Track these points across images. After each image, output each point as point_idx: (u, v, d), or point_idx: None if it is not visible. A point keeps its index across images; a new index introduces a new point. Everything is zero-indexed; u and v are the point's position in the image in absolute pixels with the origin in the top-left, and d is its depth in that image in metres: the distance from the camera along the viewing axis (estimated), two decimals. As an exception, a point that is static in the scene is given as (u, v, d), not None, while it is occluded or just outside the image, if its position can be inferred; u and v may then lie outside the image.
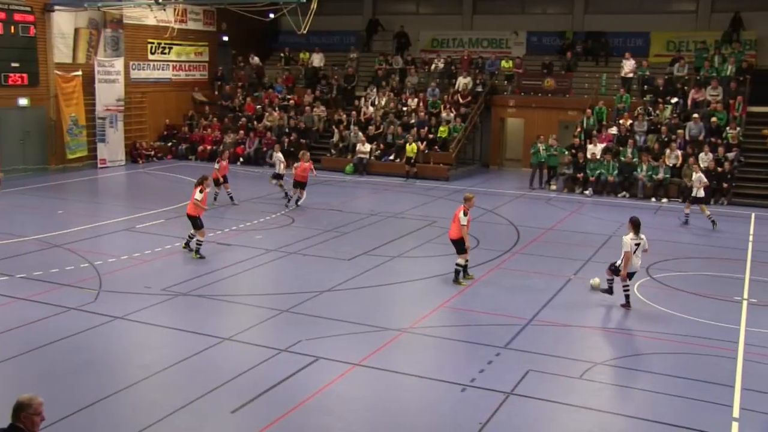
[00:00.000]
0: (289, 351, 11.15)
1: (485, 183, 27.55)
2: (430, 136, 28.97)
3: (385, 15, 37.26)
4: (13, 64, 26.43)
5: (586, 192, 25.33)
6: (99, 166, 29.07)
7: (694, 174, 21.08)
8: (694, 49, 30.61)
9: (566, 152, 26.81)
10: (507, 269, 16.07)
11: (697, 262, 17.09)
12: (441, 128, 29.07)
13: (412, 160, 28.01)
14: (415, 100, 30.96)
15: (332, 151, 30.05)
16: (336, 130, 30.35)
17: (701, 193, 20.63)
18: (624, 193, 25.12)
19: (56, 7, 27.49)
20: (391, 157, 28.78)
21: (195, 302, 13.51)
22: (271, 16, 27.43)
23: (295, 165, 22.07)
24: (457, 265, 14.84)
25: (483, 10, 35.93)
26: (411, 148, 28.01)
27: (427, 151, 28.42)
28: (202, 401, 9.49)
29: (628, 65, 29.24)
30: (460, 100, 30.49)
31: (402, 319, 12.63)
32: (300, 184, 21.75)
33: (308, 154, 22.58)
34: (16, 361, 10.67)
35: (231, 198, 22.19)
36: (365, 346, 11.42)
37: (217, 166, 22.29)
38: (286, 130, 31.00)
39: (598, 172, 25.39)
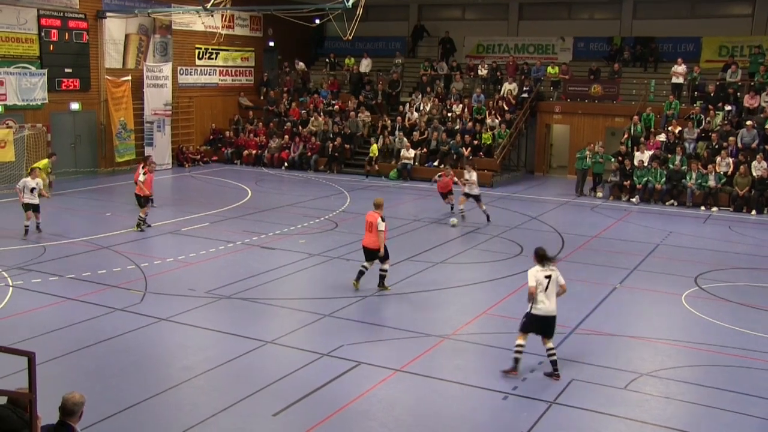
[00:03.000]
0: (331, 355, 11.16)
1: (530, 189, 27.32)
2: (475, 142, 28.83)
3: (431, 21, 37.22)
4: (67, 70, 27.06)
5: (633, 200, 24.94)
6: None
7: None
8: (748, 54, 29.92)
9: (612, 159, 26.44)
10: (551, 277, 15.85)
11: (748, 273, 16.69)
12: (485, 135, 28.91)
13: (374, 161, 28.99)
14: (460, 106, 30.85)
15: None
16: (380, 136, 30.38)
17: None
18: (672, 201, 24.68)
19: (108, 14, 28.06)
20: (435, 163, 28.71)
21: (238, 305, 13.62)
22: (317, 21, 27.58)
23: (436, 179, 22.72)
24: (384, 270, 14.46)
25: (529, 15, 35.69)
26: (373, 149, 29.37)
27: (471, 157, 28.28)
28: (244, 404, 9.54)
29: (679, 71, 28.70)
30: (505, 107, 30.30)
31: (444, 326, 12.55)
32: (444, 195, 22.23)
33: (450, 168, 23.35)
34: (65, 359, 10.86)
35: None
36: (407, 351, 11.38)
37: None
38: (331, 135, 31.13)
39: (645, 179, 24.99)
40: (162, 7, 29.34)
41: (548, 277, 10.52)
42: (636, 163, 25.55)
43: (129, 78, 28.84)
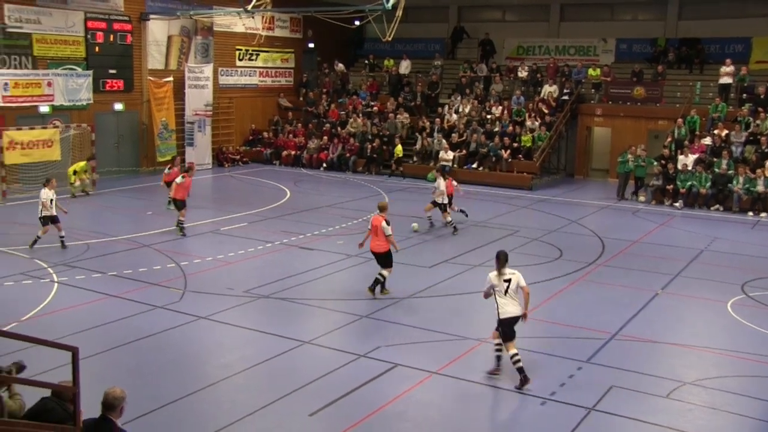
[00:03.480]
0: (367, 356, 11.15)
1: (570, 193, 27.03)
2: (514, 144, 28.62)
3: (471, 22, 37.05)
4: (111, 71, 27.49)
5: (676, 204, 24.50)
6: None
7: None
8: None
9: (655, 163, 26.03)
10: (591, 281, 15.68)
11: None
12: (524, 137, 28.69)
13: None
14: (500, 108, 30.66)
15: (415, 158, 30.03)
16: (419, 137, 30.33)
17: None
18: (717, 206, 24.18)
19: (151, 16, 28.44)
20: (474, 165, 28.56)
21: (276, 305, 13.67)
22: (357, 23, 27.67)
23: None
24: (381, 275, 14.16)
25: (570, 16, 35.34)
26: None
27: (510, 160, 28.09)
28: (280, 403, 9.57)
29: (727, 72, 28.09)
30: (545, 109, 30.04)
31: (481, 329, 12.44)
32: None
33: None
34: (106, 355, 11.00)
35: (168, 202, 21.29)
36: (444, 354, 11.31)
37: (167, 171, 22.22)
38: (369, 136, 31.15)
39: (689, 183, 24.54)
40: (204, 9, 29.64)
41: (508, 281, 10.39)
42: (680, 166, 25.11)
43: (171, 79, 29.19)
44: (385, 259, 14.16)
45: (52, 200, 17.06)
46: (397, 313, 13.24)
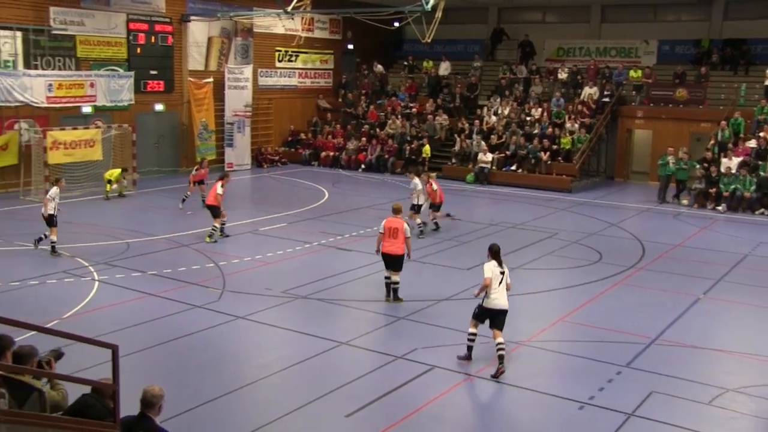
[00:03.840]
0: (404, 358, 11.11)
1: (609, 195, 26.69)
2: (554, 146, 28.37)
3: (511, 24, 36.82)
4: (152, 72, 27.87)
5: (719, 208, 24.05)
6: (226, 169, 30.06)
7: None
8: None
9: (697, 165, 25.58)
10: (630, 285, 15.45)
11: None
12: (564, 139, 28.42)
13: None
14: (539, 109, 30.42)
15: (453, 159, 29.93)
16: (458, 139, 30.22)
17: None
18: (762, 210, 23.69)
19: (192, 18, 28.75)
20: (513, 167, 28.37)
21: (314, 305, 13.70)
22: (396, 24, 27.65)
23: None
24: (396, 283, 13.89)
25: (612, 18, 34.92)
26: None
27: (549, 162, 27.84)
28: (317, 404, 9.57)
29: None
30: (586, 111, 29.72)
31: (519, 332, 12.34)
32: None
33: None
34: (145, 353, 11.12)
35: (183, 200, 22.17)
36: (481, 357, 11.21)
37: (195, 172, 22.39)
38: (408, 138, 31.12)
39: (733, 187, 24.07)
40: (244, 11, 29.89)
41: (502, 273, 10.92)
42: (723, 169, 24.65)
43: (211, 80, 29.47)
44: (399, 263, 13.89)
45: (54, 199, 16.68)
46: (435, 315, 13.18)
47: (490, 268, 10.87)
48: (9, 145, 23.52)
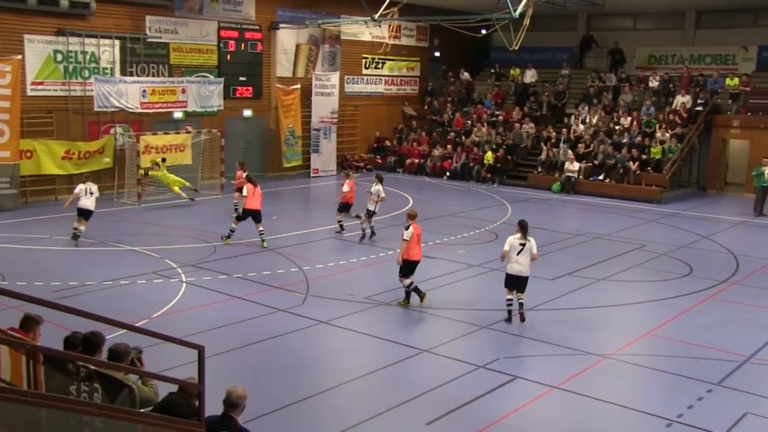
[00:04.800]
0: (486, 368, 10.99)
1: (701, 207, 25.80)
2: (643, 156, 27.65)
3: (600, 31, 36.11)
4: (241, 78, 28.51)
5: (820, 222, 22.98)
6: (312, 175, 30.52)
7: None
8: None
9: (796, 177, 24.47)
10: (723, 300, 14.88)
11: None
12: (654, 149, 27.66)
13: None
14: (628, 118, 29.70)
15: (539, 168, 29.53)
16: (544, 147, 29.80)
17: None
18: None
19: (281, 25, 29.29)
20: (601, 177, 27.78)
21: (396, 312, 13.71)
22: (484, 32, 27.47)
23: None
24: (408, 287, 13.89)
25: (708, 24, 33.82)
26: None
27: (638, 172, 27.15)
28: (397, 410, 9.55)
29: None
30: (677, 120, 28.85)
31: (605, 345, 12.05)
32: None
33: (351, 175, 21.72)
34: (228, 355, 11.32)
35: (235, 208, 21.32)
36: (565, 369, 11.01)
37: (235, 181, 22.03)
38: (494, 146, 30.87)
39: (834, 200, 22.96)
40: (332, 18, 30.27)
41: (523, 244, 12.68)
42: (825, 182, 23.53)
43: (298, 86, 29.92)
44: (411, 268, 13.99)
45: (88, 191, 17.83)
46: (517, 325, 13.00)
47: (510, 241, 12.77)
48: (105, 149, 24.45)
